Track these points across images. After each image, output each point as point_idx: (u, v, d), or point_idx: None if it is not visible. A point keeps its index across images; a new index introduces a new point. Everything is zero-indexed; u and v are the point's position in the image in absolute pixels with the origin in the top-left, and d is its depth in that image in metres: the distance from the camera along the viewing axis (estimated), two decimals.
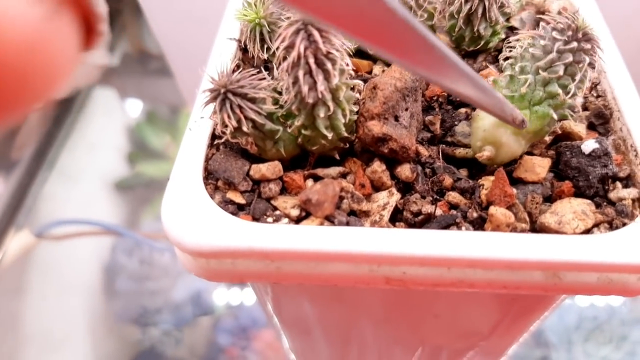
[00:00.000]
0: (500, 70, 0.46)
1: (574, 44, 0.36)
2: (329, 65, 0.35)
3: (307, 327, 0.52)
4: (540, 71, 0.37)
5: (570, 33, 0.36)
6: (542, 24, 0.37)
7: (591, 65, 0.36)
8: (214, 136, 0.42)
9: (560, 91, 0.37)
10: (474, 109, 0.45)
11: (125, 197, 1.20)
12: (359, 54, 0.47)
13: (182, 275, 1.10)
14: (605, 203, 0.40)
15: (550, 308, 0.46)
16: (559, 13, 0.52)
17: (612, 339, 0.98)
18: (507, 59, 0.44)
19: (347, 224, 0.38)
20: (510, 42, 0.46)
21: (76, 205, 1.04)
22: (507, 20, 0.46)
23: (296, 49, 0.34)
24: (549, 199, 0.40)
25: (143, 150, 1.28)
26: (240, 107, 0.37)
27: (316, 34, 0.35)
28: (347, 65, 0.37)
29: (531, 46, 0.37)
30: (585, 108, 0.46)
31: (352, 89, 0.38)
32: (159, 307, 1.07)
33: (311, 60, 0.35)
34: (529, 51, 0.37)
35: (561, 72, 0.37)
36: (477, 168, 0.42)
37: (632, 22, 0.90)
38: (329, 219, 0.38)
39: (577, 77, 0.36)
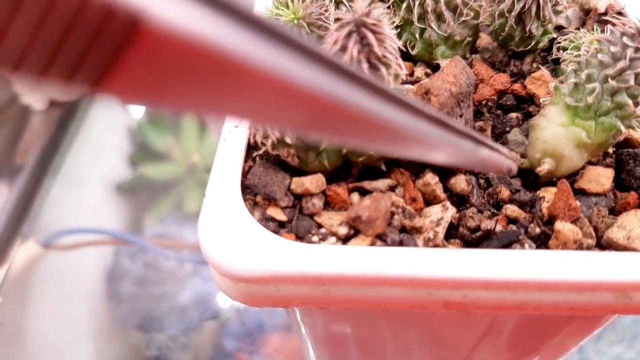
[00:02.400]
0: (553, 72, 0.43)
1: None
2: (383, 69, 0.32)
3: (343, 344, 0.49)
4: (609, 79, 0.34)
5: None
6: (609, 27, 0.34)
7: None
8: (249, 147, 0.39)
9: (629, 102, 0.34)
10: (525, 115, 0.42)
11: (129, 199, 1.17)
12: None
13: (187, 279, 1.07)
14: None
15: (604, 325, 0.43)
16: (606, 11, 0.49)
17: (624, 338, 0.96)
18: (560, 60, 0.41)
19: (401, 242, 0.35)
20: (559, 42, 0.43)
21: (82, 211, 1.01)
22: (556, 19, 0.43)
23: (349, 52, 0.31)
24: (612, 211, 0.37)
25: (146, 152, 1.25)
26: None
27: (370, 36, 0.31)
28: (401, 68, 0.34)
29: (599, 52, 0.34)
30: None
31: None
32: (164, 311, 1.04)
33: (364, 65, 0.32)
34: (597, 57, 0.34)
35: (632, 82, 0.34)
36: (531, 178, 0.39)
37: None
38: (381, 238, 0.35)
39: None
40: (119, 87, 0.13)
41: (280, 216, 0.36)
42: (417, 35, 0.43)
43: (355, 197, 0.37)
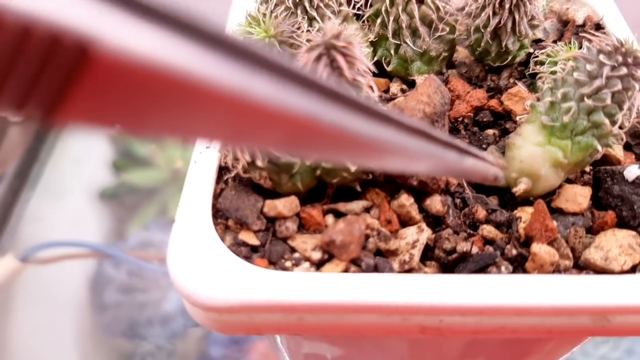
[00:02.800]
0: (530, 87, 0.42)
1: (624, 70, 0.32)
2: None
3: None
4: (585, 98, 0.34)
5: (618, 57, 0.32)
6: (586, 43, 0.34)
7: None
8: (221, 168, 0.38)
9: (606, 121, 0.34)
10: (502, 131, 0.41)
11: (112, 207, 1.16)
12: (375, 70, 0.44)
13: (172, 287, 1.06)
14: None
15: (583, 342, 0.43)
16: (584, 23, 0.48)
17: (610, 338, 0.97)
18: (538, 76, 0.41)
19: (376, 266, 0.34)
20: (537, 56, 0.43)
21: (63, 222, 0.99)
22: (534, 32, 0.43)
23: None
24: (590, 230, 0.37)
25: (129, 159, 1.23)
26: None
27: (340, 59, 0.31)
28: (373, 90, 0.33)
29: (575, 70, 0.34)
30: (620, 127, 0.43)
31: None
32: (149, 319, 1.03)
33: None
34: (573, 75, 0.34)
35: (608, 101, 0.33)
36: (508, 196, 0.39)
37: None
38: (355, 263, 0.34)
39: (625, 106, 0.33)
40: (74, 114, 0.13)
41: (253, 240, 0.35)
42: (392, 51, 0.42)
43: (330, 218, 0.37)
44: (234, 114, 0.15)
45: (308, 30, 0.38)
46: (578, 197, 0.37)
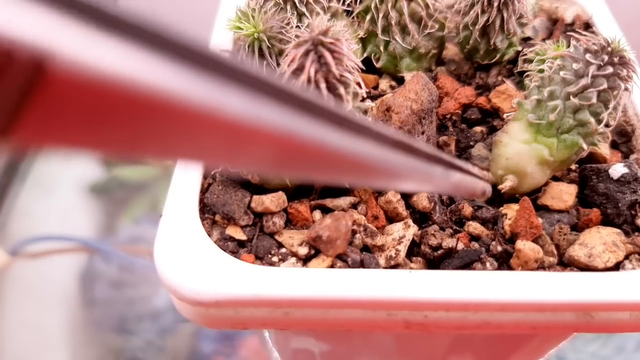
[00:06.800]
0: (519, 85, 0.42)
1: (609, 69, 0.33)
2: (341, 89, 0.32)
3: (309, 358, 0.48)
4: (571, 97, 0.34)
5: (605, 56, 0.33)
6: (573, 42, 0.34)
7: (627, 91, 0.33)
8: None
9: (592, 119, 0.34)
10: (490, 129, 0.42)
11: (103, 201, 1.15)
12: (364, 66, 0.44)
13: None
14: (634, 231, 0.37)
15: (569, 338, 0.44)
16: (573, 22, 0.49)
17: (600, 335, 0.97)
18: (526, 74, 0.41)
19: (362, 262, 0.34)
20: (525, 54, 0.43)
21: (53, 216, 0.99)
22: (522, 30, 0.43)
23: (306, 72, 0.30)
24: (575, 227, 0.37)
25: None
26: None
27: (328, 55, 0.31)
28: (361, 87, 0.33)
29: (562, 68, 0.34)
30: (606, 125, 0.43)
31: (365, 112, 0.35)
32: (139, 315, 1.03)
33: (322, 85, 0.31)
34: (559, 74, 0.34)
35: (594, 99, 0.33)
36: (494, 193, 0.39)
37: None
38: (342, 258, 0.34)
39: (611, 105, 0.33)
40: (31, 134, 0.12)
41: (240, 235, 0.35)
42: (381, 48, 0.42)
43: (317, 214, 0.37)
44: (206, 132, 0.15)
45: (297, 26, 0.38)
46: (564, 194, 0.37)
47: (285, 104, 0.16)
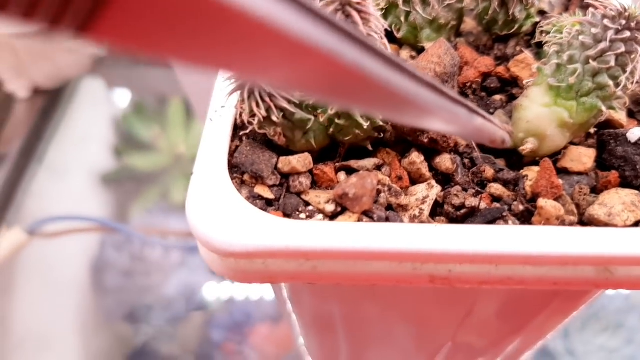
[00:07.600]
0: (537, 56, 0.43)
1: (627, 33, 0.33)
2: None
3: (330, 324, 0.49)
4: (590, 61, 0.35)
5: (622, 21, 0.34)
6: (591, 9, 0.35)
7: None
8: (236, 127, 0.39)
9: (610, 82, 0.35)
10: (509, 97, 0.43)
11: (114, 190, 1.17)
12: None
13: (174, 270, 1.07)
14: None
15: (588, 302, 0.44)
16: None
17: (609, 327, 0.98)
18: (543, 44, 0.42)
19: (387, 219, 0.35)
20: (542, 26, 0.44)
21: (66, 200, 1.00)
22: (539, 2, 0.44)
23: None
24: (594, 190, 0.38)
25: (131, 143, 1.24)
26: (270, 95, 0.34)
27: (355, 15, 0.32)
28: (386, 48, 0.34)
29: (580, 33, 0.35)
30: (624, 89, 0.44)
31: None
32: (150, 303, 1.04)
33: None
34: (579, 39, 0.35)
35: (612, 63, 0.34)
36: (515, 158, 0.40)
37: None
38: (367, 215, 0.35)
39: (629, 69, 0.34)
40: (108, 31, 0.13)
41: (268, 194, 0.36)
42: (402, 19, 0.43)
43: (342, 176, 0.38)
44: (268, 43, 0.16)
45: None
46: (583, 157, 0.38)
47: (330, 27, 0.18)
